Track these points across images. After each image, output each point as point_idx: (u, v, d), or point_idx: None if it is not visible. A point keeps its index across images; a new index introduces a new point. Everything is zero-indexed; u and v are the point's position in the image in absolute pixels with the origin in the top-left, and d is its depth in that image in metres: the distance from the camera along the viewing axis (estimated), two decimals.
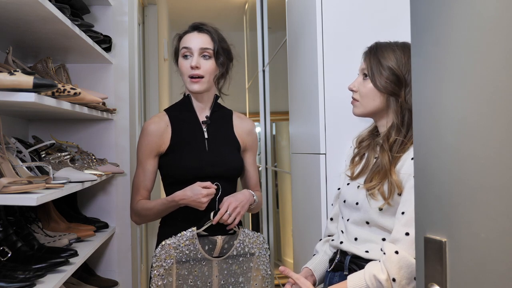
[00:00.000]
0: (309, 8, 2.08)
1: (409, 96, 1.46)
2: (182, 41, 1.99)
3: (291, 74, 2.57)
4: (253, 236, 1.94)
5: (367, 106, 1.53)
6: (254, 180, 2.12)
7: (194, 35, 1.98)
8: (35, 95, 1.45)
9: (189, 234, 1.84)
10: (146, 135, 1.98)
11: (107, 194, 2.59)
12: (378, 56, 1.49)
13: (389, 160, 1.46)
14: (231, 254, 1.90)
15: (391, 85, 1.47)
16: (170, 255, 1.82)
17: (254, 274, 1.93)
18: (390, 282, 1.35)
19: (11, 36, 1.98)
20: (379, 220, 1.45)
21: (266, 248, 1.96)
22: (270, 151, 4.43)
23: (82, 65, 2.55)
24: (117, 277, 2.56)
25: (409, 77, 1.47)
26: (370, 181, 1.47)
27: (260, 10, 4.34)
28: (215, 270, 1.88)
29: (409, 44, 1.52)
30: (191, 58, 1.95)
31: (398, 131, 1.48)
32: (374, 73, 1.49)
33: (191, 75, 1.94)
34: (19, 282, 1.48)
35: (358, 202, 1.50)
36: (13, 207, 1.86)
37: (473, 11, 0.79)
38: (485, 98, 0.77)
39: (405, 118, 1.47)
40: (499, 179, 0.75)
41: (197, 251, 1.85)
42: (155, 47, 4.45)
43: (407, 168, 1.42)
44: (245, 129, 2.09)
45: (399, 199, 1.42)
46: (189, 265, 1.85)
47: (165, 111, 2.05)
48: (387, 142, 1.48)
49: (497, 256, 0.76)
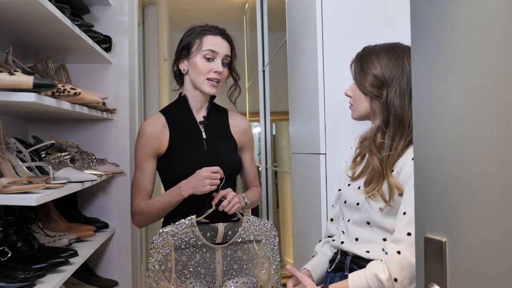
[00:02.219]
0: (309, 8, 2.08)
1: (393, 96, 1.47)
2: (206, 42, 1.96)
3: (291, 74, 2.57)
4: (260, 223, 1.94)
5: (359, 110, 1.57)
6: (252, 176, 2.14)
7: (219, 40, 1.97)
8: (35, 95, 1.45)
9: (188, 222, 1.84)
10: (143, 137, 1.97)
11: (107, 194, 2.59)
12: (362, 62, 1.55)
13: (379, 163, 1.47)
14: (235, 241, 1.90)
15: (374, 89, 1.51)
16: (167, 242, 1.82)
17: (261, 261, 1.93)
18: (391, 282, 1.35)
19: (11, 36, 1.98)
20: (380, 221, 1.45)
21: (275, 235, 1.95)
22: (270, 151, 4.43)
23: (82, 65, 2.55)
24: (117, 277, 2.56)
25: (392, 77, 1.49)
26: (369, 184, 1.48)
27: (260, 10, 4.34)
28: (218, 257, 1.88)
29: (398, 45, 1.54)
30: (215, 61, 1.95)
31: (383, 133, 1.49)
32: (358, 79, 1.55)
33: (213, 78, 1.94)
34: (19, 282, 1.48)
35: (359, 203, 1.50)
36: (13, 207, 1.86)
37: (473, 11, 0.79)
38: (485, 98, 0.77)
39: (389, 120, 1.48)
40: (499, 179, 0.75)
41: (197, 238, 1.85)
42: (155, 47, 4.45)
43: (407, 169, 1.42)
44: (241, 128, 2.09)
45: (400, 199, 1.42)
46: (189, 251, 1.84)
47: (161, 112, 2.05)
48: (374, 145, 1.50)
49: (497, 256, 0.76)
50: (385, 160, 1.46)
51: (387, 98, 1.48)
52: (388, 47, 1.54)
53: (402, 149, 1.46)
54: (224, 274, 1.89)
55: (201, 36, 1.97)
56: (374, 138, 1.51)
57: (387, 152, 1.47)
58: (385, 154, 1.47)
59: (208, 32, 1.98)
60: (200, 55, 1.95)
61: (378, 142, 1.49)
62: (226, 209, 1.87)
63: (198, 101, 2.02)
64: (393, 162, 1.46)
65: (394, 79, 1.48)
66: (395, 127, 1.47)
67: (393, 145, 1.47)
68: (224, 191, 1.88)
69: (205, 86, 1.96)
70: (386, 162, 1.46)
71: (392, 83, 1.48)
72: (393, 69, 1.49)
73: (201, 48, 1.95)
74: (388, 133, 1.48)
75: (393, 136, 1.47)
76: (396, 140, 1.47)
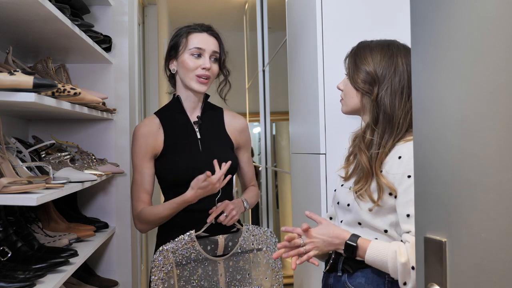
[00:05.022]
0: (309, 8, 2.08)
1: (384, 94, 1.47)
2: (192, 40, 1.97)
3: (291, 74, 2.57)
4: (259, 232, 1.95)
5: (349, 104, 1.57)
6: (250, 176, 2.14)
7: (205, 37, 1.98)
8: (35, 95, 1.45)
9: (188, 238, 1.84)
10: (138, 138, 1.97)
11: (107, 194, 2.59)
12: (355, 58, 1.55)
13: (367, 160, 1.46)
14: (236, 252, 1.90)
15: (365, 85, 1.51)
16: (168, 259, 1.81)
17: (263, 268, 1.93)
18: (408, 268, 1.35)
19: (11, 36, 1.98)
20: (370, 221, 1.45)
21: (275, 242, 1.96)
22: (270, 151, 4.43)
23: (82, 65, 2.55)
24: (117, 277, 2.56)
25: (384, 75, 1.48)
26: (357, 182, 1.48)
27: (260, 10, 4.34)
28: (220, 269, 1.88)
29: (393, 43, 1.54)
30: (203, 58, 1.96)
31: (372, 130, 1.49)
32: (351, 74, 1.55)
33: (201, 75, 1.95)
34: (19, 282, 1.48)
35: (349, 204, 1.50)
36: (13, 207, 1.86)
37: (473, 11, 0.79)
38: (485, 98, 0.77)
39: (379, 117, 1.48)
40: (499, 179, 0.75)
41: (197, 252, 1.85)
42: (155, 47, 4.45)
43: (396, 168, 1.41)
44: (237, 127, 2.09)
45: (389, 199, 1.42)
46: (191, 266, 1.84)
47: (155, 114, 2.05)
48: (363, 142, 1.50)
49: (497, 256, 0.76)
50: (374, 157, 1.46)
51: (377, 96, 1.48)
52: (383, 44, 1.54)
53: (390, 148, 1.46)
54: (228, 286, 1.89)
55: (187, 35, 1.98)
56: (364, 135, 1.51)
57: (375, 150, 1.46)
58: (373, 152, 1.46)
59: (193, 30, 1.99)
60: (187, 54, 1.96)
61: (367, 139, 1.49)
62: (224, 223, 1.87)
63: (192, 101, 2.01)
64: (381, 161, 1.45)
65: (386, 77, 1.48)
66: (384, 125, 1.47)
67: (381, 143, 1.46)
68: (220, 206, 1.88)
69: (193, 83, 1.95)
70: (375, 161, 1.46)
71: (384, 81, 1.48)
72: (386, 67, 1.49)
73: (188, 46, 1.96)
74: (377, 130, 1.48)
75: (382, 134, 1.47)
76: (385, 138, 1.46)
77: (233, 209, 1.88)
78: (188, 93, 2.00)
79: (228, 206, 1.88)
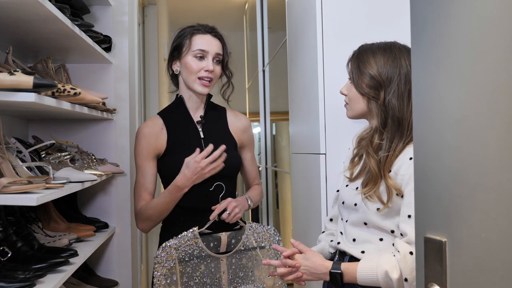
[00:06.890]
0: (309, 8, 2.09)
1: (391, 97, 1.45)
2: (196, 41, 1.96)
3: (291, 74, 2.57)
4: (262, 230, 1.95)
5: (355, 109, 1.55)
6: (253, 175, 2.14)
7: (209, 38, 1.98)
8: (35, 95, 1.45)
9: (190, 235, 1.84)
10: (141, 138, 1.98)
11: (107, 194, 2.59)
12: (358, 61, 1.53)
13: (376, 164, 1.45)
14: (239, 249, 1.91)
15: (371, 90, 1.49)
16: (171, 256, 1.82)
17: (266, 266, 1.93)
18: (402, 282, 1.35)
19: (11, 36, 1.98)
20: (377, 222, 1.45)
21: (278, 240, 1.96)
22: (270, 151, 4.43)
23: (82, 65, 2.55)
24: (117, 277, 2.56)
25: (389, 78, 1.47)
26: (366, 185, 1.48)
27: (260, 10, 4.34)
28: (223, 266, 1.89)
29: (395, 44, 1.53)
30: (206, 60, 1.95)
31: (380, 134, 1.48)
32: (355, 79, 1.53)
33: (204, 77, 1.94)
34: (19, 282, 1.48)
35: (356, 203, 1.50)
36: (13, 207, 1.86)
37: (473, 11, 0.79)
38: (485, 98, 0.77)
39: (387, 121, 1.46)
40: (499, 179, 0.75)
41: (200, 249, 1.85)
42: (155, 47, 4.45)
43: (406, 169, 1.41)
44: (240, 126, 2.09)
45: (398, 200, 1.42)
46: (194, 263, 1.85)
47: (158, 115, 2.05)
48: (371, 146, 1.49)
49: (497, 256, 0.76)
50: (383, 161, 1.45)
51: (384, 100, 1.47)
52: (385, 46, 1.52)
53: (400, 151, 1.45)
54: (230, 283, 1.89)
55: (190, 36, 1.98)
56: (372, 139, 1.50)
57: (385, 153, 1.45)
58: (382, 155, 1.45)
59: (197, 31, 1.98)
60: (190, 55, 1.96)
61: (375, 143, 1.48)
62: (227, 220, 1.88)
63: (194, 101, 2.02)
64: (391, 163, 1.45)
65: (391, 80, 1.46)
66: (393, 129, 1.46)
67: (391, 146, 1.45)
68: (223, 204, 1.89)
69: (196, 86, 1.96)
70: (384, 164, 1.45)
71: (390, 84, 1.46)
72: (390, 70, 1.47)
73: (191, 48, 1.96)
74: (386, 134, 1.46)
75: (392, 138, 1.46)
76: (395, 142, 1.45)
77: (236, 206, 1.89)
78: (190, 93, 2.00)
79: (231, 204, 1.88)
